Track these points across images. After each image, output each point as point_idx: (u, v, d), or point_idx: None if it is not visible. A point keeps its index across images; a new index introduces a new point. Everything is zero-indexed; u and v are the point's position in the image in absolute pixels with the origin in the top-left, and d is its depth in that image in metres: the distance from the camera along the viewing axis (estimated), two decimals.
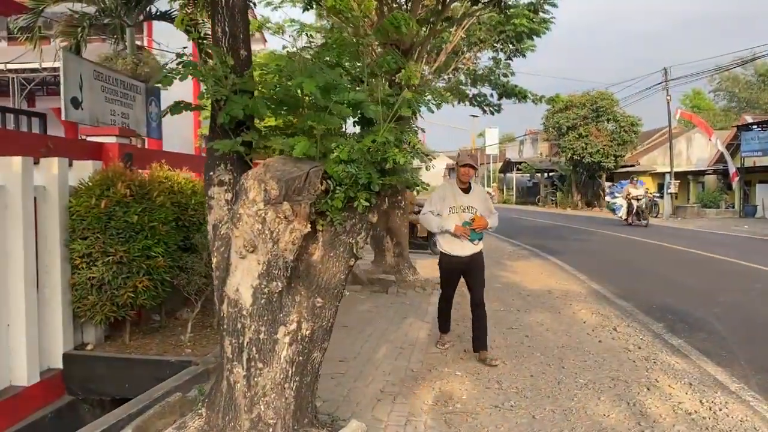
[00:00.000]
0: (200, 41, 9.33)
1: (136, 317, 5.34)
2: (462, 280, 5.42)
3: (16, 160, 4.41)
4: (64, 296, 4.86)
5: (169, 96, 8.12)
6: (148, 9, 8.78)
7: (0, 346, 4.29)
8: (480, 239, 5.27)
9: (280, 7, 10.31)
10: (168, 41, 13.26)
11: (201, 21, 9.24)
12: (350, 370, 4.96)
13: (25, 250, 4.45)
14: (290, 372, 3.10)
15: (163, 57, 11.15)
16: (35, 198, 4.65)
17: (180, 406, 3.61)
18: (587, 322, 6.82)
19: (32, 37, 8.43)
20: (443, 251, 5.33)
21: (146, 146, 7.77)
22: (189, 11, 7.67)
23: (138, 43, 9.31)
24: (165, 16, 8.87)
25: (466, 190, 5.28)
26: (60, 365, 4.88)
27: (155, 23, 10.64)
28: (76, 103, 5.69)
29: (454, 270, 5.35)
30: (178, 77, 3.04)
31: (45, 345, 4.78)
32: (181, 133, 13.38)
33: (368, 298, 7.98)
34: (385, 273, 8.72)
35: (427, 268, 10.29)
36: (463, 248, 5.22)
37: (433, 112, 3.33)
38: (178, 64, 3.11)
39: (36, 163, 4.73)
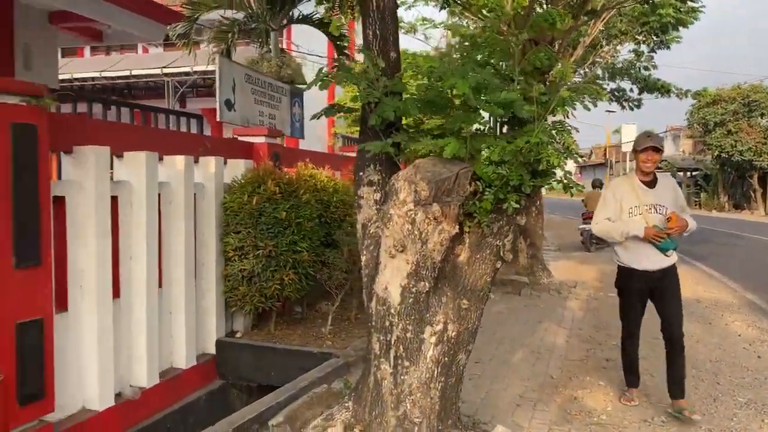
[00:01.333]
0: (340, 44, 9.61)
1: (280, 308, 5.60)
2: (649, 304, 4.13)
3: (180, 159, 4.78)
4: (217, 287, 5.20)
5: (307, 97, 8.48)
6: (291, 13, 9.17)
7: (163, 330, 4.67)
8: (675, 248, 4.02)
9: (413, 6, 10.41)
10: (306, 43, 13.84)
11: (343, 24, 9.56)
12: (486, 371, 4.90)
13: (185, 242, 4.81)
14: (436, 372, 3.11)
15: (305, 60, 11.64)
16: (194, 194, 5.00)
17: (326, 397, 3.74)
18: (742, 336, 6.28)
19: (187, 43, 9.08)
20: (622, 264, 4.14)
21: (284, 145, 8.13)
22: (335, 14, 7.95)
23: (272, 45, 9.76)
24: (307, 20, 9.23)
25: (651, 183, 4.06)
26: (213, 351, 5.23)
27: (294, 26, 11.08)
28: (229, 105, 6.07)
29: (640, 290, 4.09)
30: (334, 81, 3.14)
31: (200, 331, 5.15)
32: (315, 132, 13.87)
33: (501, 299, 7.85)
34: (517, 274, 8.54)
35: (562, 269, 9.97)
36: (650, 260, 3.99)
37: (589, 110, 3.19)
38: (333, 68, 3.22)
39: (195, 161, 5.09)
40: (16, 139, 3.29)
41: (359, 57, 4.99)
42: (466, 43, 3.48)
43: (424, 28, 12.70)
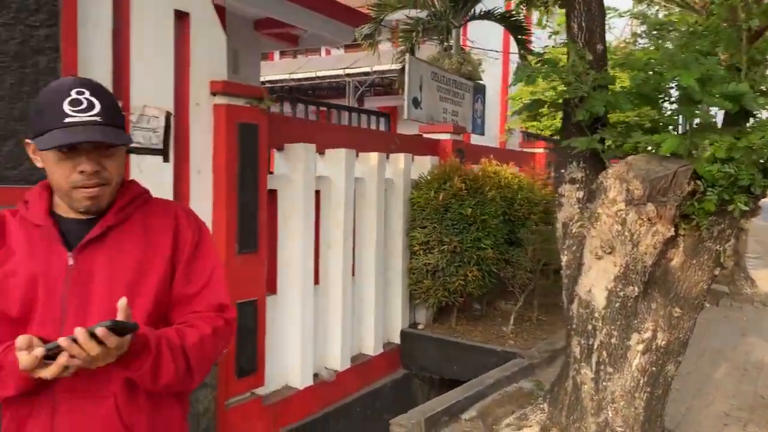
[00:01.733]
0: (522, 38, 9.39)
1: (461, 304, 5.64)
2: None
3: (374, 156, 4.99)
4: (403, 279, 5.37)
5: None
6: (472, 10, 9.18)
7: (355, 318, 4.91)
8: None
9: None
10: (479, 39, 13.77)
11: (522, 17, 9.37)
12: (686, 385, 4.55)
13: (376, 235, 5.01)
14: (641, 381, 2.95)
15: (487, 55, 11.60)
16: (384, 189, 5.19)
17: (517, 397, 3.71)
18: None
19: (372, 43, 9.44)
20: None
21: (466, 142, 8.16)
22: (523, 9, 7.81)
23: (452, 42, 9.80)
24: (489, 15, 9.18)
25: None
26: (397, 341, 5.40)
27: (470, 22, 11.08)
28: (416, 102, 6.22)
29: None
30: (540, 76, 3.08)
31: (387, 321, 5.34)
32: (488, 128, 13.77)
33: None
34: (716, 283, 7.81)
35: (767, 280, 8.97)
36: None
37: None
38: (537, 62, 3.17)
39: (386, 158, 5.28)
40: (242, 137, 3.64)
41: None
42: (664, 32, 3.25)
43: (608, 17, 12.09)
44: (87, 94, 1.34)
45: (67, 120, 1.31)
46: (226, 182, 3.62)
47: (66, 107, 1.32)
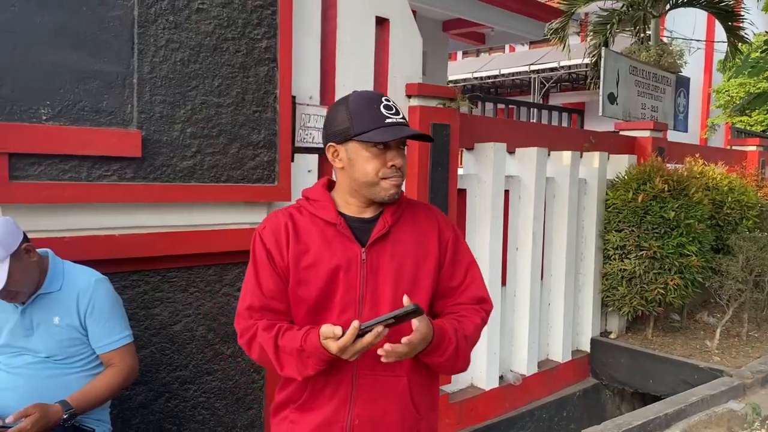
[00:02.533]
0: (732, 25, 8.52)
1: (658, 314, 5.25)
2: None
3: (566, 155, 4.81)
4: (594, 284, 5.12)
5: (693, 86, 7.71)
6: None
7: (542, 321, 4.78)
8: None
9: None
10: (679, 28, 12.66)
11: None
12: None
13: (567, 237, 4.83)
14: None
15: (689, 45, 10.67)
16: (577, 190, 4.98)
17: (728, 419, 3.36)
18: None
19: (561, 38, 9.10)
20: None
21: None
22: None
23: (649, 33, 9.10)
24: (693, 2, 8.42)
25: None
26: (587, 349, 5.17)
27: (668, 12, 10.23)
28: (612, 98, 5.89)
29: None
30: None
31: (576, 328, 5.13)
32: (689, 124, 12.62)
33: None
34: None
35: None
36: None
37: None
38: (763, 52, 2.83)
39: (579, 156, 5.06)
40: (434, 137, 3.71)
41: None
42: None
43: None
44: (390, 102, 1.63)
45: (387, 121, 1.58)
46: (418, 181, 3.70)
47: (383, 111, 1.60)
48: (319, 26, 3.29)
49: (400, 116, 1.61)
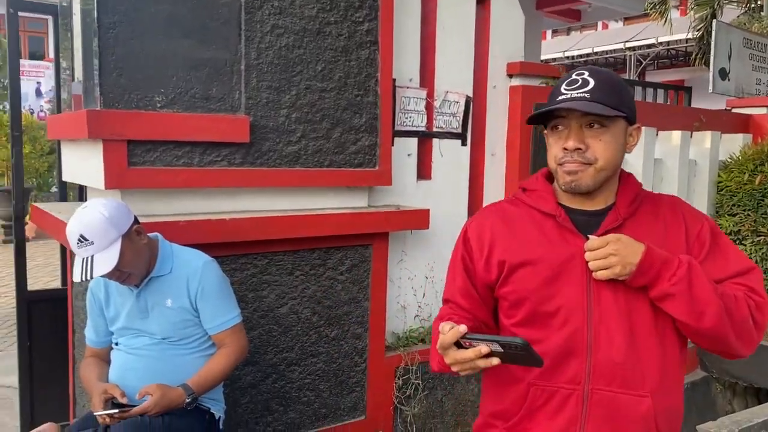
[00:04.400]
0: None
1: None
2: None
3: (676, 135, 4.53)
4: None
5: None
6: None
7: None
8: None
9: None
10: None
11: None
12: None
13: None
14: None
15: None
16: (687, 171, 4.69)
17: None
18: None
19: (662, 12, 8.61)
20: None
21: None
22: None
23: (761, 2, 8.42)
24: None
25: None
26: None
27: None
28: (723, 74, 5.50)
29: None
30: None
31: None
32: None
33: None
34: None
35: None
36: None
37: None
38: None
39: (689, 136, 4.76)
40: None
41: None
42: None
43: None
44: (586, 74, 1.40)
45: (559, 98, 1.39)
46: (519, 164, 3.59)
47: (563, 87, 1.40)
48: (419, 6, 3.23)
49: (586, 89, 1.36)
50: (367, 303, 3.11)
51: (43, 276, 6.73)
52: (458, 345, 1.25)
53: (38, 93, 18.48)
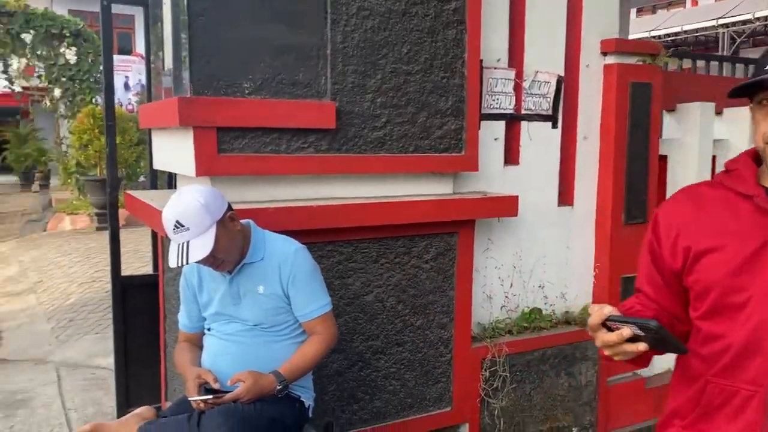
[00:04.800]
0: None
1: None
2: None
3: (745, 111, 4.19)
4: None
5: None
6: None
7: None
8: None
9: None
10: None
11: None
12: None
13: None
14: None
15: None
16: None
17: None
18: None
19: None
20: None
21: None
22: None
23: None
24: None
25: None
26: None
27: None
28: None
29: None
30: None
31: None
32: None
33: None
34: None
35: None
36: None
37: None
38: None
39: None
40: (633, 98, 3.38)
41: None
42: None
43: None
44: None
45: None
46: (615, 147, 3.40)
47: None
48: None
49: None
50: (452, 292, 3.03)
51: (133, 262, 7.01)
52: (609, 328, 1.20)
53: (126, 87, 19.35)
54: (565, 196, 3.48)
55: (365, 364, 2.85)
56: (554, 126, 3.35)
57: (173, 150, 2.81)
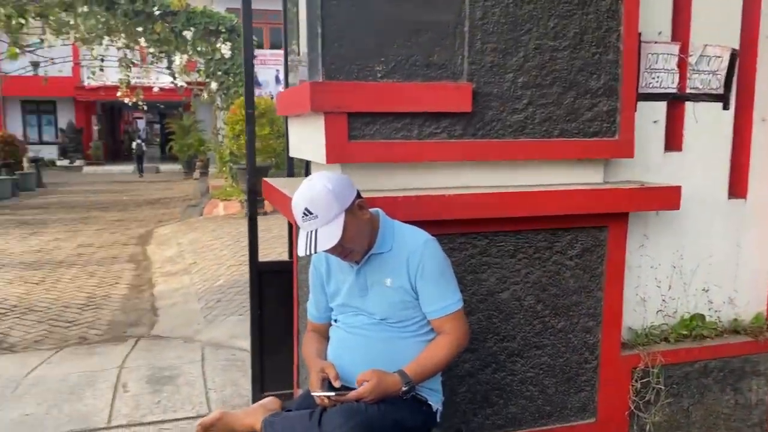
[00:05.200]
0: None
1: None
2: None
3: None
4: None
5: None
6: None
7: None
8: None
9: None
10: None
11: None
12: None
13: None
14: None
15: None
16: None
17: None
18: None
19: None
20: None
21: None
22: None
23: None
24: None
25: None
26: None
27: None
28: None
29: None
30: None
31: None
32: None
33: None
34: None
35: None
36: None
37: None
38: None
39: None
40: None
41: None
42: None
43: None
44: None
45: None
46: None
47: None
48: None
49: None
50: (600, 293, 2.74)
51: (277, 247, 7.27)
52: None
53: (277, 80, 20.36)
54: (737, 188, 3.03)
55: (499, 366, 2.65)
56: (725, 107, 2.92)
57: (306, 137, 2.77)
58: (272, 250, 7.11)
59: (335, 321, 2.19)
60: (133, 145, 26.21)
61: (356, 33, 2.34)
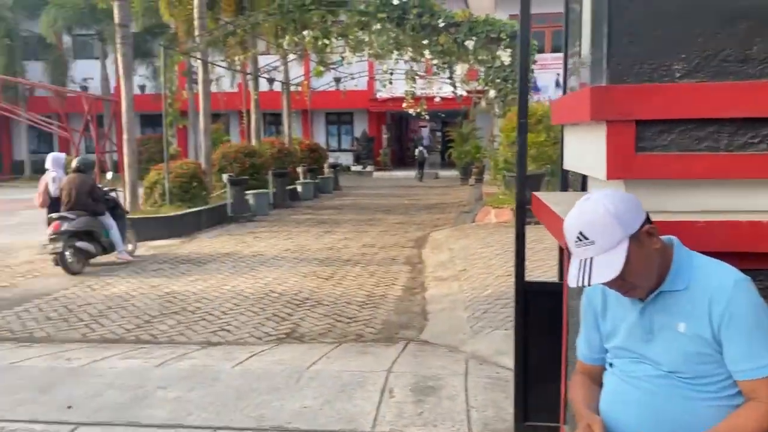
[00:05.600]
0: None
1: None
2: None
3: None
4: None
5: None
6: None
7: None
8: None
9: None
10: None
11: None
12: None
13: None
14: None
15: None
16: None
17: None
18: None
19: None
20: None
21: None
22: None
23: None
24: None
25: None
26: None
27: None
28: None
29: None
30: None
31: None
32: None
33: None
34: None
35: None
36: None
37: None
38: None
39: None
40: None
41: None
42: None
43: None
44: None
45: None
46: None
47: None
48: None
49: None
50: None
51: (548, 260, 6.93)
52: None
53: (557, 84, 19.82)
54: None
55: None
56: None
57: (583, 148, 2.47)
58: (542, 264, 6.81)
59: (610, 365, 1.87)
60: (416, 152, 28.00)
61: (651, 26, 1.99)
